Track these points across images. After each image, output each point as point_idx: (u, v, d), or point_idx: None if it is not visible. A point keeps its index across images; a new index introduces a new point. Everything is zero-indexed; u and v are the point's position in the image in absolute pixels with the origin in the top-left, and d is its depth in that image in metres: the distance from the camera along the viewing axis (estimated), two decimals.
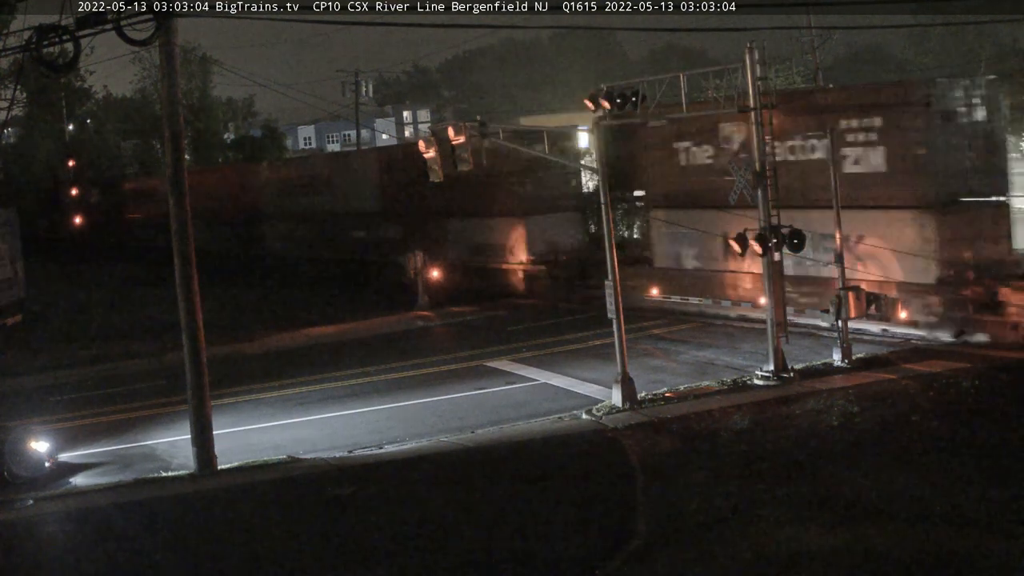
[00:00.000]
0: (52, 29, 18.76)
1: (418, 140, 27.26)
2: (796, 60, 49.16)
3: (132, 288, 49.26)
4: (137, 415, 25.23)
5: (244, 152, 75.91)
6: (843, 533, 14.93)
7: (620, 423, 21.47)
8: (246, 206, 56.35)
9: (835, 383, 23.19)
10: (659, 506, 16.69)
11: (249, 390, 27.02)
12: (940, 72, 73.46)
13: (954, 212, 27.08)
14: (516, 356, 28.91)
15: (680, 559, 14.63)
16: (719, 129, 31.17)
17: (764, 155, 24.11)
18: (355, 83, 71.47)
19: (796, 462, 18.26)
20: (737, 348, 27.92)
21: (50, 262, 61.08)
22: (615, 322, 23.03)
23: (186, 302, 20.26)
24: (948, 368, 23.52)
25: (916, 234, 27.11)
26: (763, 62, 24.17)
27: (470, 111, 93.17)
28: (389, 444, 21.33)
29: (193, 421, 20.27)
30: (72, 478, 20.51)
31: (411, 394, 25.55)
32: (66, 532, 17.41)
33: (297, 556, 15.67)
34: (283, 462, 20.26)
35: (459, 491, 18.17)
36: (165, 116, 20.57)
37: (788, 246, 23.93)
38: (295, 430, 23.01)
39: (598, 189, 23.64)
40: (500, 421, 22.47)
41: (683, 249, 33.44)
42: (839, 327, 24.82)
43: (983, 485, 16.45)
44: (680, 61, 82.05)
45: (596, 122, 24.15)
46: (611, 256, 23.37)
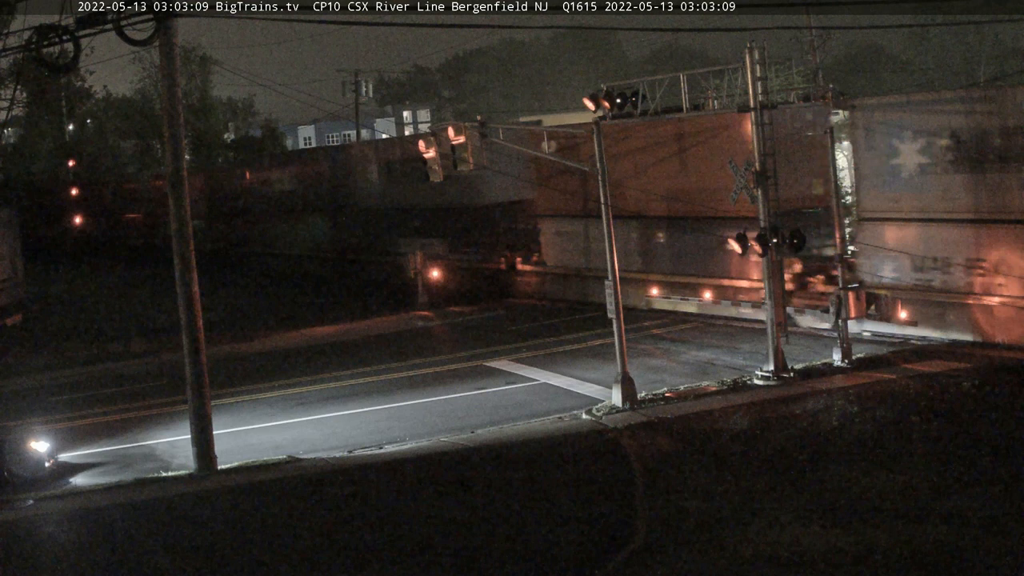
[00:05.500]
0: (52, 29, 18.80)
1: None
2: (796, 60, 49.10)
3: (135, 289, 49.30)
4: (137, 415, 25.22)
5: (244, 152, 75.97)
6: (843, 533, 14.93)
7: (620, 423, 21.46)
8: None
9: (835, 383, 23.18)
10: (659, 506, 16.69)
11: (249, 390, 27.02)
12: (940, 72, 73.56)
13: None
14: (516, 356, 28.91)
15: (680, 559, 14.63)
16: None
17: (764, 155, 24.10)
18: (355, 83, 71.48)
19: (796, 462, 18.26)
20: (737, 348, 27.91)
21: (50, 262, 61.17)
22: (615, 322, 23.03)
23: (186, 302, 20.26)
24: (948, 368, 23.51)
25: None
26: (763, 62, 24.15)
27: (470, 111, 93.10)
28: (389, 444, 21.32)
29: (193, 421, 20.27)
30: (72, 478, 20.50)
31: (411, 394, 25.55)
32: (66, 532, 17.40)
33: (297, 556, 15.67)
34: (283, 462, 20.26)
35: (459, 491, 18.17)
36: (165, 116, 20.56)
37: (788, 246, 23.93)
38: (295, 430, 23.01)
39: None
40: (500, 421, 22.46)
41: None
42: (839, 327, 24.82)
43: (983, 485, 16.46)
44: (680, 61, 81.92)
45: (596, 122, 24.14)
46: (611, 256, 23.36)
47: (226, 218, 60.09)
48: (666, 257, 33.67)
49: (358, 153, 53.47)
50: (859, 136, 27.86)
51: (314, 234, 51.50)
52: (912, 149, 26.59)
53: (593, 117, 24.63)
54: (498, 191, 39.48)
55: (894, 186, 27.08)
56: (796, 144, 28.65)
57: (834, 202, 25.61)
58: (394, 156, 47.71)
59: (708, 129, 31.16)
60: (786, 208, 24.82)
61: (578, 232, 36.17)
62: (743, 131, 26.94)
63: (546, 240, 38.23)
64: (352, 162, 51.08)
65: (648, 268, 33.84)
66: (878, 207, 27.56)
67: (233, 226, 59.54)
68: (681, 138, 32.37)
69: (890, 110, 27.81)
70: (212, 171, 66.58)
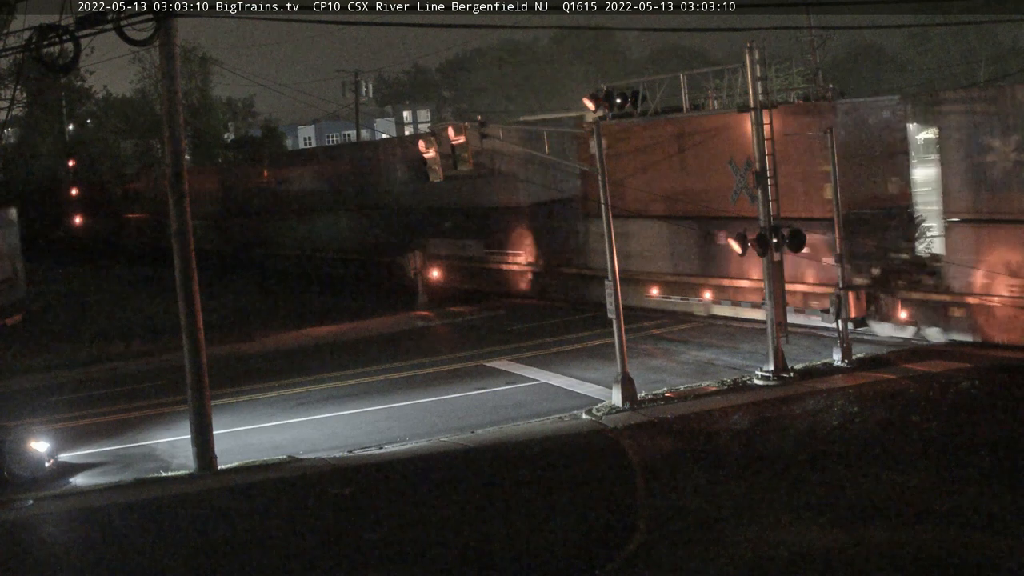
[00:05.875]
0: (52, 29, 18.81)
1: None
2: (796, 60, 49.15)
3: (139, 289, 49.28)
4: (137, 415, 25.22)
5: (244, 152, 75.90)
6: (843, 533, 14.93)
7: (620, 423, 21.47)
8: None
9: (835, 383, 23.18)
10: (659, 506, 16.69)
11: (249, 390, 27.03)
12: (940, 72, 73.59)
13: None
14: (516, 356, 28.91)
15: (680, 559, 14.63)
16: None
17: (764, 155, 24.10)
18: (355, 83, 71.51)
19: (796, 462, 18.26)
20: (737, 348, 27.91)
21: (50, 262, 61.17)
22: (615, 322, 23.03)
23: (186, 302, 20.26)
24: (948, 368, 23.50)
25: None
26: (763, 62, 24.16)
27: (470, 111, 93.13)
28: (389, 444, 21.33)
29: (193, 421, 20.27)
30: (72, 478, 20.50)
31: (411, 394, 25.55)
32: (66, 532, 17.40)
33: (297, 556, 15.67)
34: (283, 462, 20.27)
35: (459, 491, 18.18)
36: (165, 116, 20.57)
37: (788, 246, 23.94)
38: (295, 430, 23.01)
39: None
40: (500, 421, 22.47)
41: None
42: (839, 327, 24.82)
43: (983, 484, 16.47)
44: (680, 61, 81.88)
45: (596, 122, 24.14)
46: (611, 256, 23.36)
47: (241, 217, 58.41)
48: (719, 259, 31.28)
49: (384, 150, 51.34)
50: (948, 132, 26.05)
51: (337, 233, 49.96)
52: (1007, 145, 24.76)
53: (593, 117, 24.63)
54: (540, 190, 37.78)
55: (988, 185, 25.07)
56: (869, 141, 27.51)
57: (835, 203, 25.52)
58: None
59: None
60: (861, 207, 23.85)
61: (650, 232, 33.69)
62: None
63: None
64: (378, 160, 48.96)
65: (705, 271, 31.91)
66: (968, 207, 25.58)
67: (249, 225, 57.73)
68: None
69: (978, 103, 25.96)
70: (224, 168, 65.52)
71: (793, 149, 27.30)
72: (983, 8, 57.98)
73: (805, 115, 28.70)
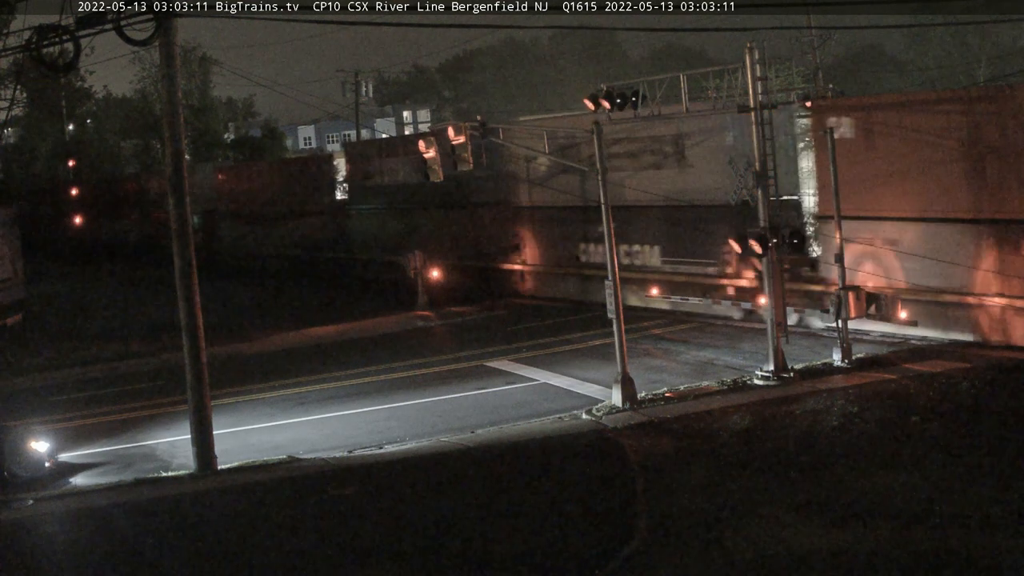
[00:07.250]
0: (52, 29, 18.80)
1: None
2: (796, 60, 49.10)
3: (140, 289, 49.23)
4: (137, 415, 25.23)
5: (244, 152, 75.87)
6: (843, 533, 14.93)
7: (620, 423, 21.47)
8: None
9: (835, 383, 23.18)
10: (659, 506, 16.68)
11: (249, 390, 27.02)
12: (940, 72, 73.53)
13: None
14: (516, 356, 28.91)
15: (680, 559, 14.63)
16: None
17: (764, 155, 24.11)
18: (355, 83, 71.47)
19: (796, 462, 18.26)
20: (737, 348, 27.92)
21: (50, 262, 61.14)
22: (615, 322, 23.03)
23: (186, 302, 20.26)
24: (948, 368, 23.51)
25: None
26: (763, 62, 24.17)
27: (470, 111, 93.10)
28: (389, 444, 21.33)
29: (193, 421, 20.27)
30: (72, 478, 20.51)
31: (411, 394, 25.55)
32: (66, 532, 17.40)
33: (297, 556, 15.67)
34: (283, 462, 20.26)
35: (459, 491, 18.17)
36: (165, 116, 20.58)
37: (788, 245, 23.94)
38: (295, 430, 23.01)
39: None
40: (500, 421, 22.47)
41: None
42: (839, 327, 24.82)
43: (983, 485, 16.46)
44: (680, 61, 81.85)
45: (596, 122, 24.14)
46: (611, 256, 23.36)
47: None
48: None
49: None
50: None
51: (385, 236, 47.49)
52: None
53: (592, 117, 24.64)
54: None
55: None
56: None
57: (835, 203, 25.52)
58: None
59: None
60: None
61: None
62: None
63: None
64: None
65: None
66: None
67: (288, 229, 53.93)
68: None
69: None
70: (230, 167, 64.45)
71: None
72: (983, 8, 57.89)
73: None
